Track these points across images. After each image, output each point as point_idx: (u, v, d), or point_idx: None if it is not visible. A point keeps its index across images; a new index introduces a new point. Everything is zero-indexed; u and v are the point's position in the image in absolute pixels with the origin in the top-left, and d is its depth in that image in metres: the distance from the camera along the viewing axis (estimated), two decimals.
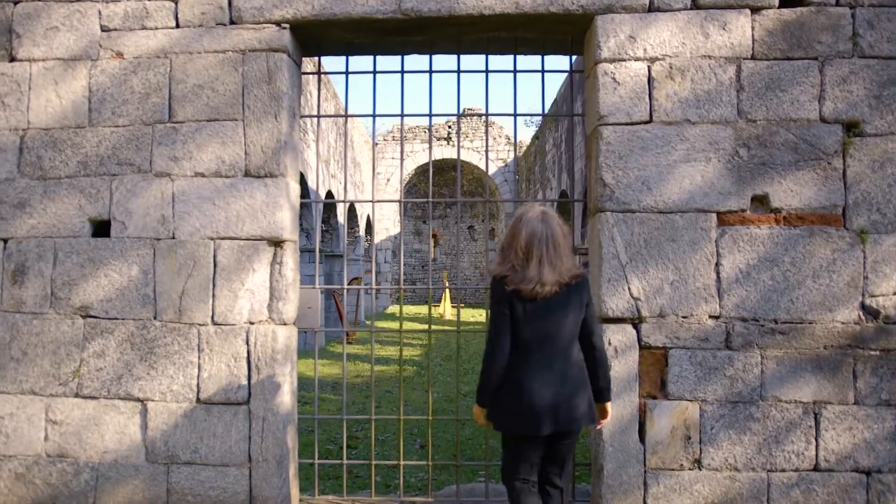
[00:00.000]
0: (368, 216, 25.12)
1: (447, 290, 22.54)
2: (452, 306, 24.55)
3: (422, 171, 27.70)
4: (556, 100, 18.14)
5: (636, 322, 3.22)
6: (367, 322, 19.72)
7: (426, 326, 16.58)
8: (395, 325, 19.18)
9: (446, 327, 18.36)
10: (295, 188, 3.43)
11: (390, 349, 13.78)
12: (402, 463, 3.77)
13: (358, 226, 21.14)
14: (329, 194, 16.36)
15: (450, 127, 27.43)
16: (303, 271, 14.07)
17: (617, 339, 3.20)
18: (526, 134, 24.89)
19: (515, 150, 3.93)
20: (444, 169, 27.95)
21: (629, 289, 3.22)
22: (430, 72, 3.65)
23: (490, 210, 29.40)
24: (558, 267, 2.53)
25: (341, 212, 18.24)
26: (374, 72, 3.65)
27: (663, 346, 3.21)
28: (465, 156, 27.10)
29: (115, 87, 3.34)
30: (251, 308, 3.25)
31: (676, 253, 3.22)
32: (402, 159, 3.75)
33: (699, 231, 3.22)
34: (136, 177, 3.32)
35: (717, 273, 3.21)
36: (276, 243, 3.29)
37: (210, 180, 3.29)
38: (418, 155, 27.05)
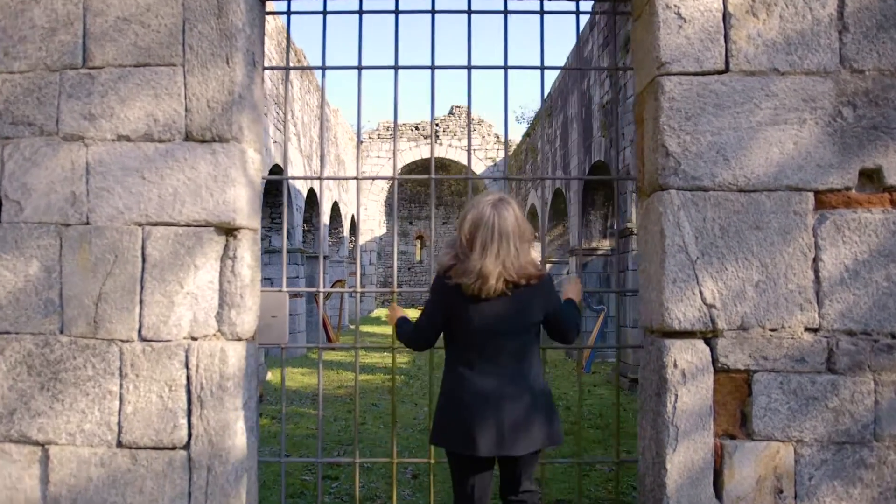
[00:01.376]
0: (353, 216, 24.23)
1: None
2: None
3: (408, 171, 26.85)
4: (550, 94, 17.39)
5: (710, 336, 2.42)
6: (351, 327, 18.87)
7: None
8: (380, 329, 18.32)
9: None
10: (255, 159, 2.60)
11: (376, 356, 12.92)
12: None
13: (342, 226, 20.26)
14: (311, 193, 15.49)
15: (437, 125, 26.62)
16: (281, 274, 13.20)
17: (684, 359, 2.39)
18: (516, 132, 24.23)
19: (542, 106, 3.08)
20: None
21: (701, 292, 2.41)
22: (433, 12, 2.83)
23: None
24: (505, 261, 2.24)
25: (325, 210, 17.38)
26: (360, 11, 2.82)
27: (745, 369, 2.41)
28: (454, 155, 26.34)
29: (8, 20, 2.48)
30: (193, 318, 2.41)
31: (762, 245, 2.42)
32: (394, 126, 2.92)
33: (792, 216, 2.43)
34: (37, 141, 2.45)
35: (816, 272, 2.42)
36: (229, 231, 2.45)
37: (138, 146, 2.44)
38: (404, 154, 26.22)
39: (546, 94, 17.67)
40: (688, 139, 2.44)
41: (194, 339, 2.41)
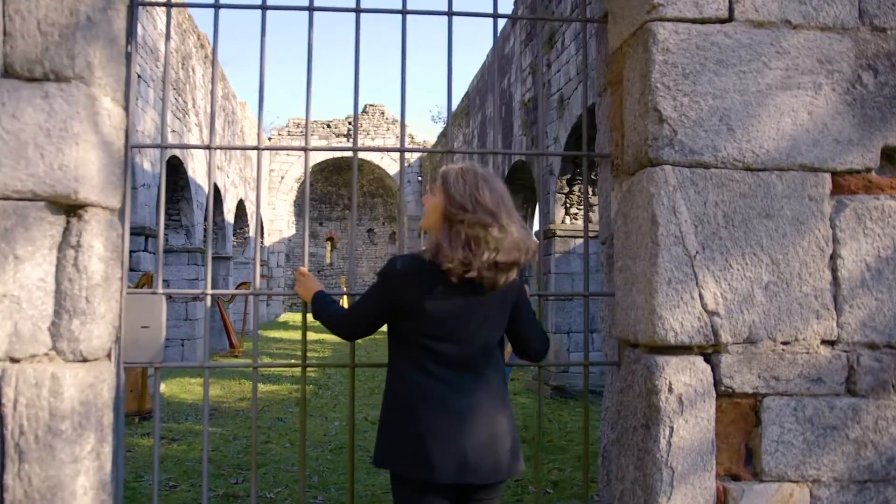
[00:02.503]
0: (260, 215, 23.06)
1: (344, 297, 20.69)
2: None
3: (319, 169, 25.91)
4: (467, 92, 16.95)
5: (710, 352, 1.92)
6: (258, 332, 17.80)
7: (321, 336, 14.93)
8: (289, 335, 17.34)
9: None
10: (113, 112, 1.89)
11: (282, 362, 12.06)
12: None
13: (248, 225, 19.13)
14: (216, 188, 14.41)
15: (350, 124, 25.79)
16: (181, 275, 12.12)
17: (681, 381, 1.88)
18: (431, 133, 23.78)
19: (492, 56, 2.52)
20: (344, 168, 26.30)
21: (701, 296, 1.90)
22: None
23: (391, 212, 27.94)
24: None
25: (229, 209, 16.27)
26: None
27: (754, 393, 1.92)
28: (366, 154, 25.55)
29: None
30: (13, 332, 1.68)
31: (773, 237, 1.94)
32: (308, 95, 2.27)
33: (806, 202, 1.96)
34: None
35: (834, 271, 1.96)
36: (70, 209, 1.74)
37: None
38: (314, 153, 25.23)
39: (464, 93, 17.25)
40: (685, 102, 1.93)
41: (14, 360, 1.68)
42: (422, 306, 1.88)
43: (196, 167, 12.36)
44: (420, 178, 25.44)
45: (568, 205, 9.83)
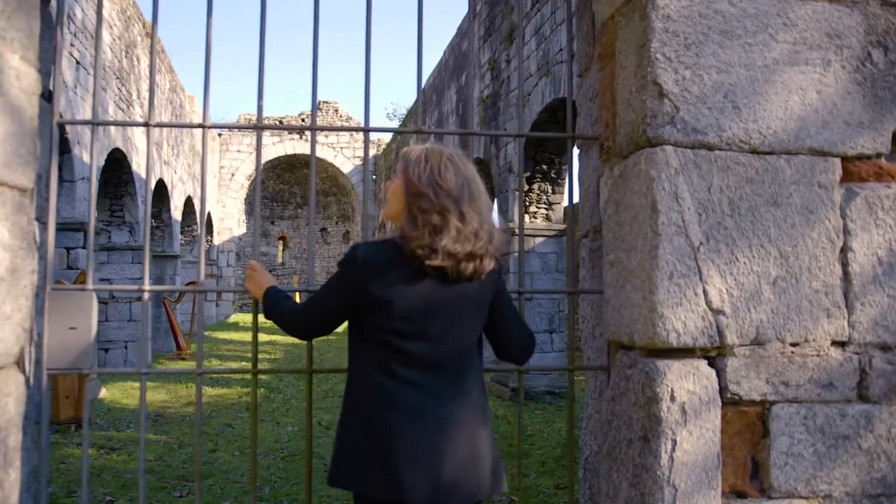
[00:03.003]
0: (210, 213, 22.37)
1: (297, 294, 20.18)
2: None
3: (270, 166, 25.34)
4: (423, 90, 16.70)
5: (714, 355, 1.72)
6: (206, 333, 17.26)
7: (272, 337, 14.50)
8: (239, 336, 16.81)
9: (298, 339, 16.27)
10: (23, 73, 1.58)
11: (232, 365, 11.61)
12: None
13: (197, 223, 18.49)
14: (161, 183, 13.84)
15: (303, 120, 25.28)
16: (123, 274, 11.55)
17: (684, 388, 1.67)
18: (386, 132, 23.41)
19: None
20: (297, 166, 25.76)
21: (706, 292, 1.70)
22: None
23: (344, 211, 27.49)
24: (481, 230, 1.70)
25: (176, 206, 15.66)
26: None
27: (762, 400, 1.72)
28: (320, 152, 25.10)
29: None
30: None
31: (782, 227, 1.76)
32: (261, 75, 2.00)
33: (816, 190, 1.78)
34: None
35: (844, 265, 1.79)
36: None
37: None
38: (267, 149, 24.66)
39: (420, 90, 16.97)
40: (688, 75, 1.73)
41: None
42: (388, 298, 1.64)
43: (141, 161, 11.80)
44: (374, 176, 25.08)
45: (527, 203, 9.68)
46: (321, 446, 5.98)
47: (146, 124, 1.96)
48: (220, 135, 23.97)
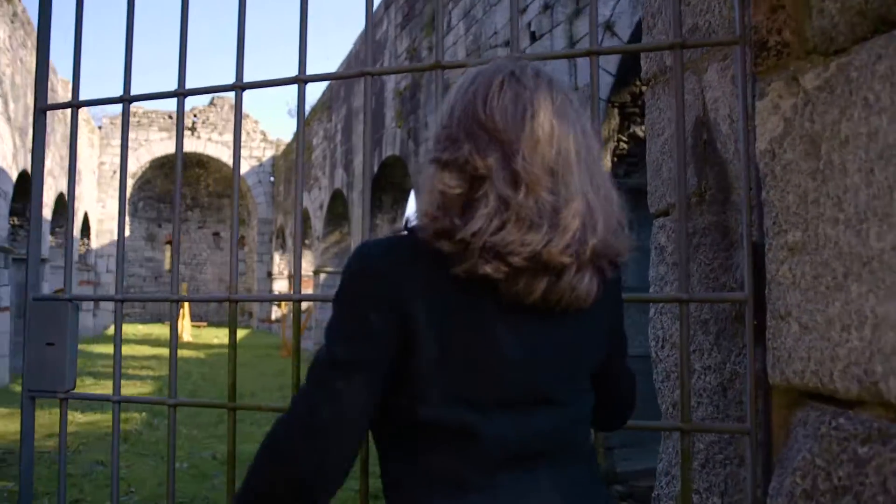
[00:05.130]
0: (86, 213, 20.16)
1: (186, 306, 18.61)
2: (193, 325, 20.74)
3: (158, 164, 23.38)
4: (330, 84, 15.62)
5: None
6: (81, 348, 15.35)
7: (159, 351, 12.97)
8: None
9: (186, 352, 14.73)
10: None
11: (106, 384, 10.09)
12: None
13: (71, 224, 16.52)
14: (24, 177, 12.04)
15: (195, 116, 23.49)
16: None
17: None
18: (287, 129, 22.33)
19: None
20: (189, 164, 23.87)
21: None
22: None
23: (240, 215, 25.82)
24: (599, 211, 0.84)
25: (47, 202, 13.80)
26: None
27: None
28: (214, 151, 23.43)
29: None
30: None
31: None
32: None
33: None
34: None
35: None
36: None
37: None
38: (154, 145, 22.72)
39: (326, 85, 15.89)
40: None
41: None
42: (442, 337, 0.77)
43: (5, 151, 10.11)
44: (272, 178, 23.67)
45: None
46: (215, 490, 4.89)
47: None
48: (99, 127, 21.84)
